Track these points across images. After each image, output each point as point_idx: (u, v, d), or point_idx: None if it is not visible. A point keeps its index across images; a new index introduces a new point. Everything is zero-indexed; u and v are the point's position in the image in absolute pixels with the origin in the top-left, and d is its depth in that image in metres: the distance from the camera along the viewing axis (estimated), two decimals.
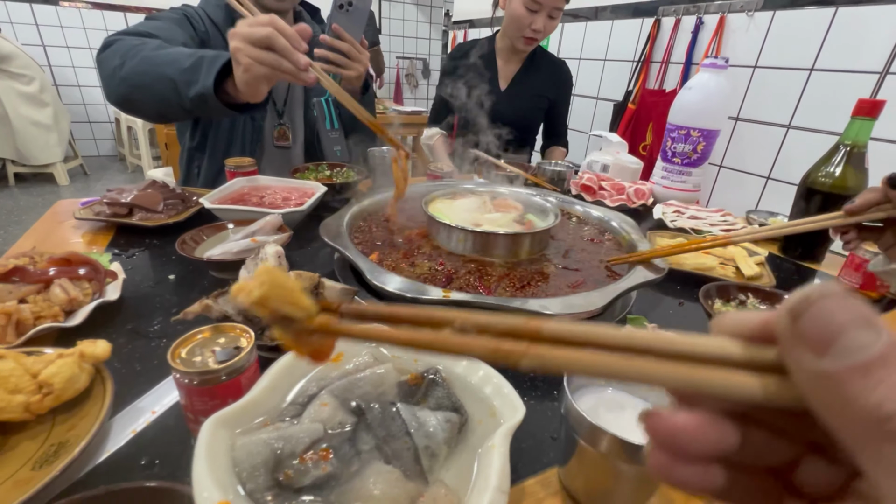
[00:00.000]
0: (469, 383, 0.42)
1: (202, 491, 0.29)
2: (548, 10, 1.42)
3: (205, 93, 0.78)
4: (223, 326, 0.43)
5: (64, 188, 3.85)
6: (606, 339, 0.16)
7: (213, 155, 1.18)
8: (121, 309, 0.60)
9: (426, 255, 0.72)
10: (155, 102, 0.87)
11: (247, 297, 0.21)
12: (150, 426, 0.43)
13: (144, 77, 0.84)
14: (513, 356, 0.17)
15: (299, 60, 0.71)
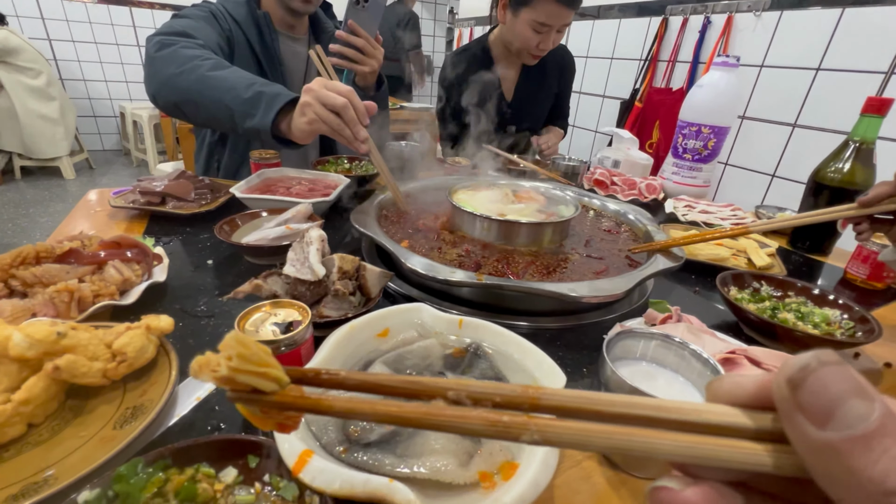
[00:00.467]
0: (511, 358, 0.46)
1: (284, 442, 0.32)
2: (557, 27, 1.34)
3: (261, 129, 0.84)
4: (282, 302, 0.46)
5: (70, 182, 3.87)
6: (608, 407, 0.16)
7: (234, 149, 1.20)
8: (167, 290, 0.63)
9: (452, 244, 0.75)
10: (205, 118, 0.93)
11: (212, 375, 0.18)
12: (213, 394, 0.46)
13: (201, 98, 0.89)
14: (514, 429, 0.16)
15: (360, 133, 0.79)
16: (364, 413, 0.18)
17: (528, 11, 1.30)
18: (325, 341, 0.43)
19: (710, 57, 1.94)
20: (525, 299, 0.64)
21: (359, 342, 0.46)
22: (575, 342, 0.61)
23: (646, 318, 0.61)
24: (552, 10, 1.26)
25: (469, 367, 0.45)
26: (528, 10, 1.29)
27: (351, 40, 1.01)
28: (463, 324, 0.49)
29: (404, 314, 0.50)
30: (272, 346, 0.42)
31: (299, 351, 0.43)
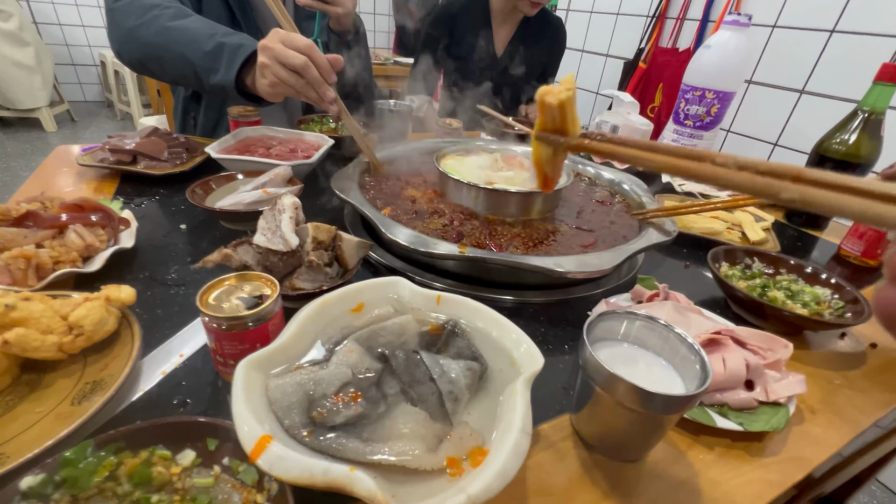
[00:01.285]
0: (489, 336, 0.44)
1: (243, 425, 0.31)
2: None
3: (225, 86, 0.78)
4: (248, 275, 0.44)
5: (52, 135, 3.73)
6: (857, 186, 0.18)
7: (210, 106, 1.14)
8: (136, 256, 0.60)
9: (437, 212, 0.72)
10: (172, 75, 0.87)
11: (553, 98, 0.29)
12: (180, 368, 0.44)
13: (163, 52, 0.83)
14: (773, 188, 0.20)
15: (327, 94, 0.72)
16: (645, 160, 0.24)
17: None
18: (294, 316, 0.41)
19: (721, 15, 1.83)
20: (510, 272, 0.62)
21: (331, 317, 0.44)
22: (559, 317, 0.59)
23: (632, 295, 0.59)
24: None
25: (446, 344, 0.43)
26: None
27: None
28: (441, 300, 0.47)
29: (381, 288, 0.48)
30: (238, 321, 0.40)
31: (266, 327, 0.41)
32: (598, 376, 0.37)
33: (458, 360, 0.41)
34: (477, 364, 0.41)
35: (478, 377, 0.40)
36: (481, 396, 0.40)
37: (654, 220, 0.71)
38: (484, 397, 0.40)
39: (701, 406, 0.45)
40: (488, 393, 0.40)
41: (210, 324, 0.39)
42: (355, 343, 0.41)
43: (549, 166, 0.35)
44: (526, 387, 0.37)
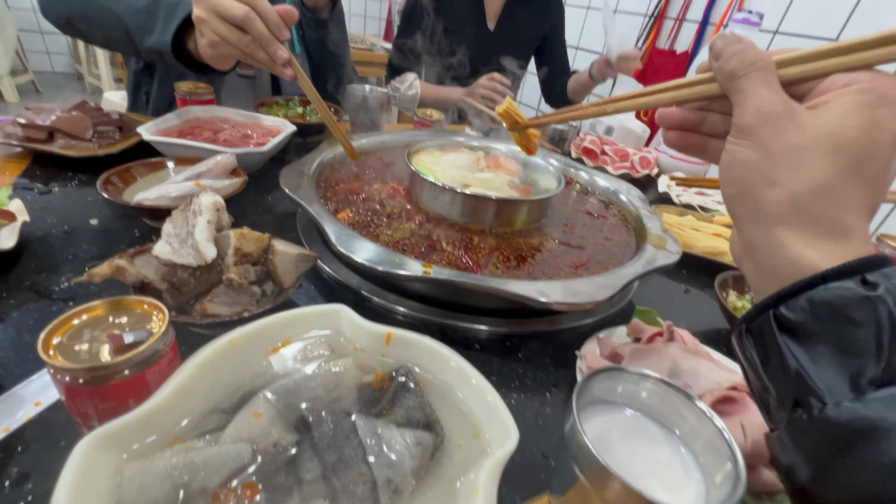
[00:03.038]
0: (450, 393, 0.34)
1: None
2: None
3: (161, 50, 0.66)
4: (125, 301, 0.32)
5: (12, 106, 3.48)
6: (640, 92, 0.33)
7: (165, 80, 1.00)
8: (20, 260, 0.48)
9: (407, 217, 0.62)
10: (101, 36, 0.75)
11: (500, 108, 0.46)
12: (31, 423, 0.33)
13: (88, 4, 0.70)
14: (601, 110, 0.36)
15: (277, 53, 0.58)
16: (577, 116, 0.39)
17: None
18: (184, 364, 0.30)
19: (722, 18, 1.75)
20: (486, 297, 0.52)
21: (240, 361, 0.33)
22: (542, 353, 0.50)
23: (630, 331, 0.50)
24: None
25: (392, 403, 0.33)
26: None
27: None
28: (392, 339, 0.36)
29: (315, 320, 0.37)
30: (103, 371, 0.29)
31: (144, 376, 0.30)
32: (586, 463, 0.27)
33: (406, 431, 0.30)
34: (430, 436, 0.31)
35: (429, 455, 0.30)
36: (433, 481, 0.30)
37: (654, 237, 0.62)
38: (435, 482, 0.30)
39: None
40: (442, 476, 0.30)
41: (60, 378, 0.28)
42: (268, 401, 0.30)
43: (524, 139, 0.51)
44: (492, 479, 0.27)
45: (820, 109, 0.24)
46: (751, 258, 0.26)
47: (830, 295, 0.22)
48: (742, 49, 0.26)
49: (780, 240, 0.24)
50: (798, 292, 0.23)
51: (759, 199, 0.25)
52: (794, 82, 0.26)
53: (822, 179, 0.23)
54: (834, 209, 0.23)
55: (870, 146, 0.23)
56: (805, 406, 0.22)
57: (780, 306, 0.23)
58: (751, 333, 0.25)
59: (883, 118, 0.23)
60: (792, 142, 0.24)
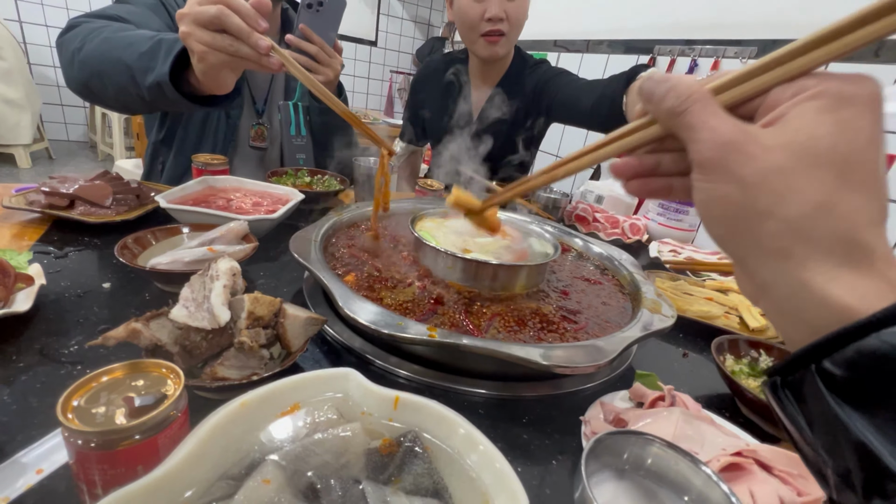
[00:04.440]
0: (459, 457, 0.34)
1: None
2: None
3: (160, 81, 0.69)
4: (143, 364, 0.33)
5: (24, 171, 3.62)
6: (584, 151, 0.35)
7: (181, 151, 1.07)
8: (32, 322, 0.49)
9: (409, 282, 0.64)
10: (113, 91, 0.78)
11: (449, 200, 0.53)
12: (31, 492, 0.32)
13: (102, 62, 0.76)
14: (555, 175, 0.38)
15: (258, 43, 0.61)
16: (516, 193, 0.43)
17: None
18: (196, 429, 0.31)
19: None
20: (488, 360, 0.52)
21: (250, 425, 0.33)
22: (545, 418, 0.49)
23: (632, 395, 0.50)
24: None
25: (400, 469, 0.33)
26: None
27: (303, 46, 0.90)
28: (399, 403, 0.37)
29: (324, 384, 0.38)
30: (116, 436, 0.29)
31: (156, 441, 0.30)
32: None
33: (414, 499, 0.30)
34: (439, 503, 0.30)
35: None
36: None
37: (648, 301, 0.64)
38: None
39: None
40: None
41: (73, 440, 0.28)
42: (277, 467, 0.31)
43: (483, 222, 0.58)
44: None
45: (778, 125, 0.23)
46: (767, 298, 0.24)
47: (886, 346, 0.18)
48: (673, 85, 0.25)
49: (795, 277, 0.21)
50: (843, 344, 0.19)
51: (756, 236, 0.23)
52: (736, 105, 0.25)
53: (816, 198, 0.21)
54: (841, 228, 0.21)
55: (850, 152, 0.21)
56: (884, 494, 0.18)
57: (823, 361, 0.20)
58: (789, 388, 0.22)
59: (850, 119, 0.21)
60: (767, 166, 0.22)
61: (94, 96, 0.84)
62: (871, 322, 0.19)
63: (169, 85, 0.69)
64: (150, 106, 0.79)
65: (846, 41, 0.22)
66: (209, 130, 1.06)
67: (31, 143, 3.72)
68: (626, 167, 0.31)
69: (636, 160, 0.31)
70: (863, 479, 0.18)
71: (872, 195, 0.21)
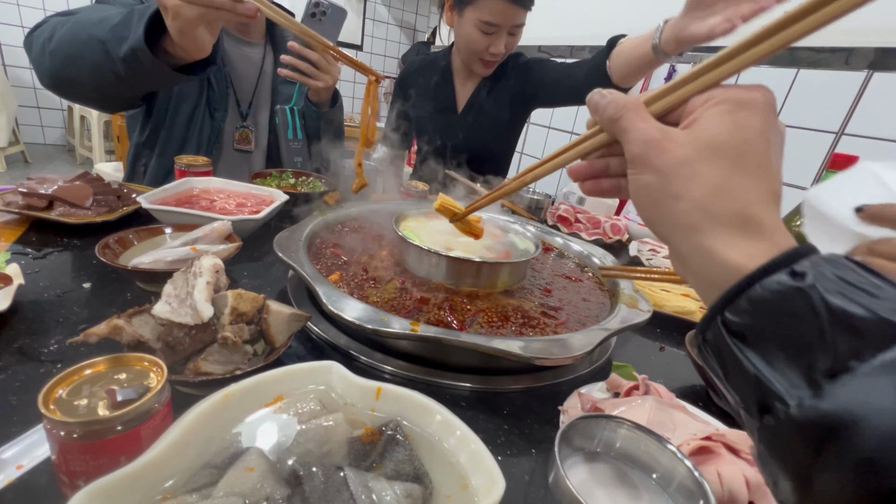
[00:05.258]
0: (439, 445, 0.35)
1: None
2: (507, 28, 1.18)
3: (135, 47, 0.67)
4: (126, 358, 0.34)
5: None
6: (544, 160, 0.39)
7: (164, 153, 1.06)
8: (11, 322, 0.49)
9: (393, 279, 0.65)
10: (88, 74, 0.75)
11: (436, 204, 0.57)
12: (11, 487, 0.32)
13: (73, 43, 0.73)
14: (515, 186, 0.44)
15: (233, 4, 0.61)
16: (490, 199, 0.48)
17: (471, 10, 1.17)
18: (180, 419, 0.31)
19: None
20: (471, 354, 0.54)
21: (233, 417, 0.34)
22: (526, 410, 0.51)
23: (608, 385, 0.52)
24: (497, 7, 1.13)
25: (382, 456, 0.34)
26: (472, 8, 1.17)
27: (304, 53, 0.93)
28: (382, 393, 0.38)
29: (307, 376, 0.38)
30: (99, 426, 0.29)
31: (139, 432, 0.31)
32: None
33: (395, 483, 0.31)
34: (419, 488, 0.31)
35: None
36: None
37: (626, 297, 0.66)
38: None
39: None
40: None
41: (55, 431, 0.29)
42: (260, 456, 0.31)
43: (467, 227, 0.60)
44: None
45: (692, 126, 0.28)
46: (687, 270, 0.28)
47: (765, 292, 0.22)
48: (613, 97, 0.31)
49: (703, 247, 0.26)
50: (737, 295, 0.23)
51: (671, 215, 0.27)
52: (664, 113, 0.30)
53: (714, 181, 0.26)
54: (736, 205, 0.25)
55: (742, 143, 0.26)
56: (771, 411, 0.21)
57: (724, 312, 0.24)
58: (708, 345, 0.26)
59: (744, 119, 0.26)
60: (678, 157, 0.27)
61: (68, 86, 0.81)
62: (755, 274, 0.23)
63: (144, 50, 0.67)
64: (128, 85, 0.76)
65: (748, 55, 0.26)
66: (193, 132, 1.05)
67: (7, 146, 3.62)
68: (579, 170, 0.36)
69: (588, 164, 0.35)
70: (757, 404, 0.22)
71: (763, 178, 0.26)
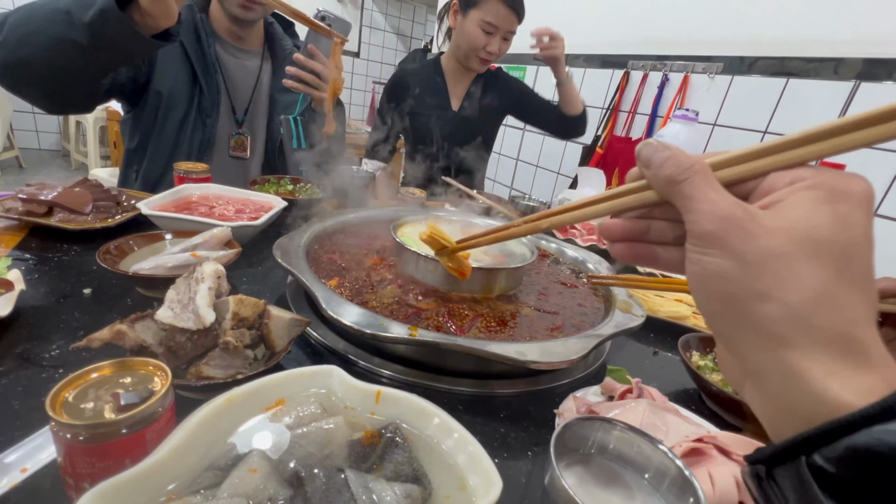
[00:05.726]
0: (437, 447, 0.36)
1: None
2: (503, 32, 1.41)
3: (104, 8, 0.65)
4: (131, 362, 0.34)
5: None
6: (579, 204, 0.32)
7: (154, 159, 1.07)
8: (12, 327, 0.49)
9: (391, 284, 0.65)
10: (45, 51, 0.72)
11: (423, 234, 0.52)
12: (15, 490, 0.33)
13: (30, 23, 0.71)
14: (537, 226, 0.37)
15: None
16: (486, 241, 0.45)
17: (476, 11, 1.38)
18: (184, 422, 0.32)
19: (668, 111, 2.00)
20: (468, 359, 0.54)
21: (236, 420, 0.35)
22: (522, 413, 0.52)
23: (603, 389, 0.53)
24: (499, 11, 1.36)
25: (381, 458, 0.34)
26: (476, 10, 1.38)
27: (308, 64, 0.95)
28: (381, 396, 0.39)
29: (307, 380, 0.39)
30: (105, 429, 0.30)
31: (144, 435, 0.31)
32: None
33: (395, 484, 0.32)
34: (418, 488, 0.32)
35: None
36: None
37: (620, 302, 0.67)
38: None
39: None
40: None
41: (61, 434, 0.29)
42: (263, 458, 0.32)
43: (454, 263, 0.56)
44: None
45: (776, 209, 0.23)
46: (757, 386, 0.23)
47: (881, 444, 0.17)
48: (673, 154, 0.25)
49: (793, 367, 0.21)
50: (835, 437, 0.19)
51: (753, 317, 0.22)
52: (732, 183, 0.25)
53: (816, 287, 0.20)
54: (840, 322, 0.20)
55: (849, 244, 0.21)
56: None
57: (813, 454, 0.19)
58: (774, 479, 0.21)
59: (847, 213, 0.21)
60: (768, 247, 0.21)
61: (19, 72, 0.76)
62: (863, 416, 0.18)
63: (114, 8, 0.66)
64: (90, 58, 0.73)
65: (843, 140, 0.23)
66: (184, 137, 1.06)
67: (1, 151, 3.61)
68: (614, 228, 0.30)
69: (627, 223, 0.30)
70: None
71: (867, 291, 0.21)
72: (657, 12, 2.09)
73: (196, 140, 1.08)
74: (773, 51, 1.65)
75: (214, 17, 1.12)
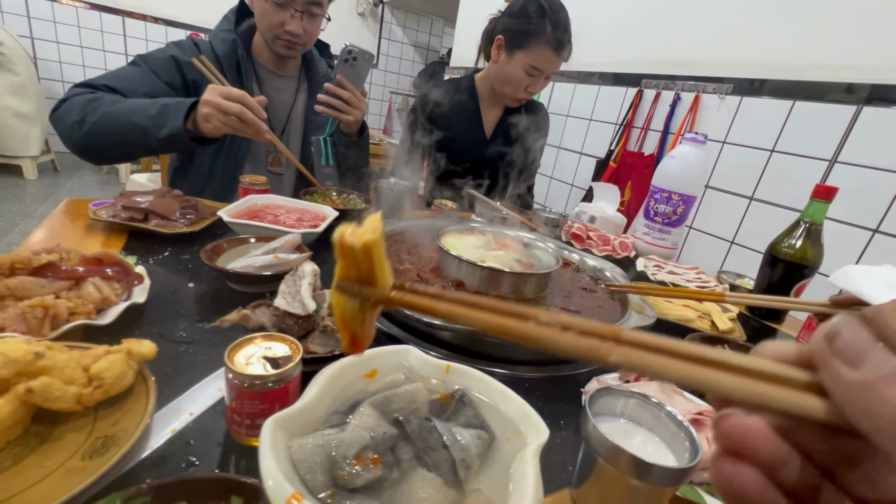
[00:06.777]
0: (495, 407, 0.47)
1: (272, 483, 0.32)
2: (547, 74, 1.42)
3: (175, 133, 0.93)
4: (273, 335, 0.46)
5: (30, 183, 3.70)
6: (678, 349, 0.18)
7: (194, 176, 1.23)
8: (146, 312, 0.61)
9: (438, 284, 0.77)
10: (120, 147, 1.01)
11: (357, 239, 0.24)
12: (189, 427, 0.44)
13: (108, 126, 0.97)
14: (602, 350, 0.19)
15: (261, 130, 0.95)
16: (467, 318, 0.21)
17: (523, 54, 1.38)
18: (315, 379, 0.43)
19: (679, 129, 2.11)
20: (502, 347, 0.65)
21: (347, 382, 0.46)
22: (552, 394, 0.62)
23: (620, 375, 0.63)
24: (547, 56, 1.36)
25: (455, 413, 0.46)
26: (524, 52, 1.37)
27: (338, 92, 1.09)
28: (450, 369, 0.50)
29: (392, 356, 0.51)
30: (261, 381, 0.42)
31: (287, 388, 0.43)
32: (602, 448, 0.40)
33: (469, 429, 0.43)
34: (486, 433, 0.43)
35: (487, 446, 0.42)
36: (490, 465, 0.42)
37: (634, 304, 0.78)
38: (491, 466, 0.42)
39: (690, 484, 0.48)
40: (496, 462, 0.42)
41: (234, 381, 0.41)
42: (371, 408, 0.43)
43: (355, 323, 0.28)
44: (535, 456, 0.39)
45: None
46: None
47: None
48: None
49: None
50: None
51: None
52: None
53: None
54: None
55: None
56: None
57: None
58: None
59: None
60: None
61: (95, 154, 1.05)
62: None
63: (184, 135, 0.94)
64: (154, 153, 1.05)
65: None
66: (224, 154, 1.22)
67: (39, 155, 3.81)
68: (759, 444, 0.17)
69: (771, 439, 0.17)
70: None
71: None
72: (670, 35, 2.20)
73: (233, 157, 1.23)
74: (781, 73, 1.75)
75: (257, 48, 1.26)
